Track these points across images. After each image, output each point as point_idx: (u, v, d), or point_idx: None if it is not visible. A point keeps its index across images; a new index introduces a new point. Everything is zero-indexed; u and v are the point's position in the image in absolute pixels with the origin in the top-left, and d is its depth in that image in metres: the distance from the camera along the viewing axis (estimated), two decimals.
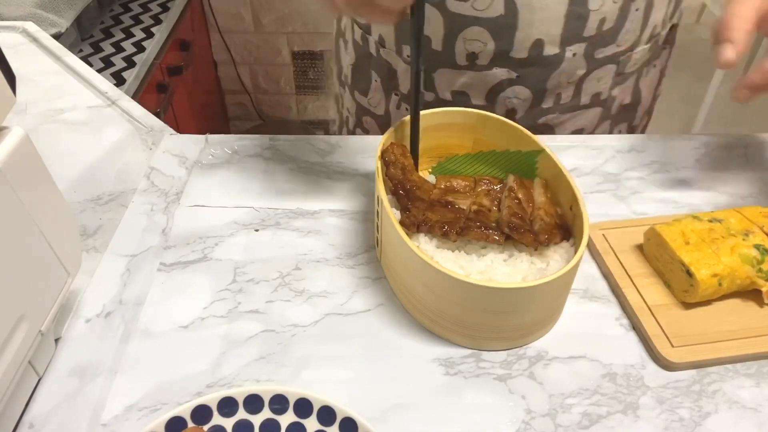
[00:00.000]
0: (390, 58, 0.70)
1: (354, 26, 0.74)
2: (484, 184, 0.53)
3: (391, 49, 0.69)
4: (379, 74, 0.73)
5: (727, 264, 0.46)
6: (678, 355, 0.44)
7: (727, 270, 0.46)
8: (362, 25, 0.72)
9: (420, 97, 0.51)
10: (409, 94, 0.58)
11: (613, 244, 0.52)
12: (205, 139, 0.65)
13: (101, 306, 0.49)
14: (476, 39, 0.62)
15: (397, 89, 0.72)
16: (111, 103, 0.71)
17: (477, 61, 0.64)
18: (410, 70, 0.49)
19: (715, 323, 0.47)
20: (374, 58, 0.72)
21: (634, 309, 0.47)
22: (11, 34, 0.80)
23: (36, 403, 0.43)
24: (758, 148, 0.64)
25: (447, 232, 0.46)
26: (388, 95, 0.73)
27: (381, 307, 0.50)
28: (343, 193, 0.60)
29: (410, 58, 0.49)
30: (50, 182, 0.42)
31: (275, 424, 0.40)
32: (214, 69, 2.07)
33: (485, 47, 0.62)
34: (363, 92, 0.77)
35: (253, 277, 0.52)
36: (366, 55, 0.73)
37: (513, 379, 0.45)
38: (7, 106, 0.37)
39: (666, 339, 0.45)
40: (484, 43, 0.62)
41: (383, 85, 0.73)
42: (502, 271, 0.46)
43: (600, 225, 0.54)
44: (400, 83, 0.71)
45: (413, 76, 0.49)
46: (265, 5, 1.91)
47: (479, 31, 0.61)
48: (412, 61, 0.49)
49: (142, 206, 0.57)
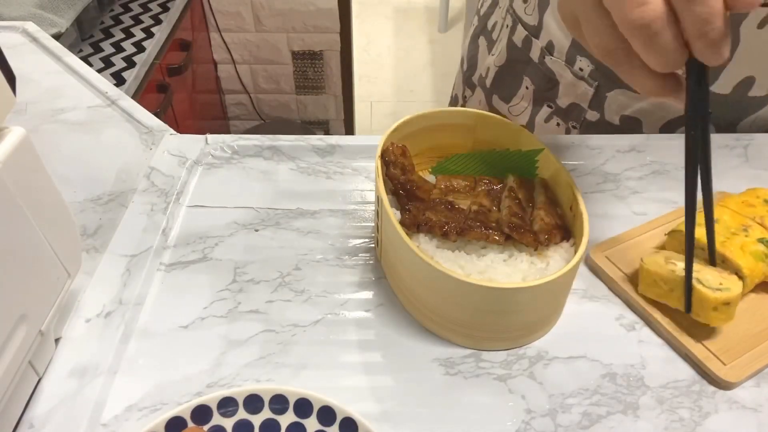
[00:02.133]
0: (556, 67, 0.65)
1: (516, 26, 0.68)
2: (484, 184, 0.53)
3: (560, 59, 0.64)
4: (535, 82, 0.67)
5: (746, 265, 0.46)
6: (735, 375, 0.43)
7: (748, 271, 0.46)
8: (529, 27, 0.67)
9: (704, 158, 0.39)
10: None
11: (621, 266, 0.51)
12: (205, 139, 0.65)
13: (101, 306, 0.49)
14: None
15: (553, 101, 0.66)
16: (111, 103, 0.71)
17: None
18: (686, 119, 0.38)
19: (747, 327, 0.46)
20: (533, 64, 0.67)
21: (674, 333, 0.46)
22: (11, 34, 0.80)
23: (36, 403, 0.43)
24: (758, 148, 0.64)
25: (447, 232, 0.46)
26: (539, 105, 0.68)
27: (381, 307, 0.50)
28: (343, 193, 0.60)
29: (687, 110, 0.37)
30: (50, 182, 0.42)
31: (275, 424, 0.40)
32: (214, 69, 2.07)
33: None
34: (505, 98, 0.71)
35: (253, 277, 0.52)
36: (523, 59, 0.68)
37: (513, 379, 0.45)
38: (7, 106, 0.37)
39: (716, 359, 0.44)
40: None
41: (536, 94, 0.68)
42: (502, 271, 0.46)
43: (600, 247, 0.52)
44: (559, 96, 0.66)
45: (692, 125, 0.38)
46: (265, 5, 1.91)
47: None
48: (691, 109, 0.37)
49: (142, 206, 0.57)
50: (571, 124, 0.67)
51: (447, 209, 0.49)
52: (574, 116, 0.67)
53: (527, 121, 0.71)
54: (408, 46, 2.94)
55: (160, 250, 0.54)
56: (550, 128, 0.69)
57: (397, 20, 3.12)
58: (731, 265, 0.47)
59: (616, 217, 0.56)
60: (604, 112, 0.64)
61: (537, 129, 0.70)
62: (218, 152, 0.64)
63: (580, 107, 0.66)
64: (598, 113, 0.64)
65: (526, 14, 0.67)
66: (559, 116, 0.67)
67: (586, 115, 0.65)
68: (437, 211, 0.49)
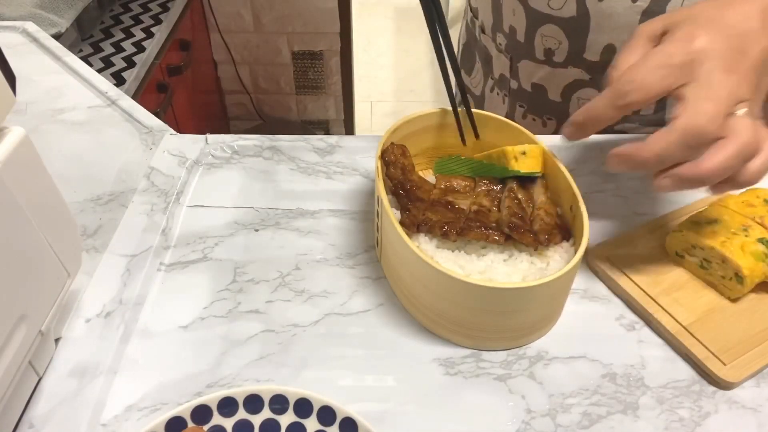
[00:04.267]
0: (487, 43, 0.73)
1: (467, 10, 0.77)
2: (484, 184, 0.53)
3: (489, 36, 0.72)
4: (480, 58, 0.76)
5: (746, 266, 0.46)
6: (735, 375, 0.43)
7: (748, 271, 0.46)
8: (473, 9, 0.75)
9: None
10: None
11: (621, 266, 0.51)
12: (205, 139, 0.65)
13: (101, 306, 0.49)
14: (552, 36, 0.64)
15: (492, 74, 0.75)
16: (111, 103, 0.71)
17: (554, 57, 0.66)
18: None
19: (747, 327, 0.46)
20: (477, 42, 0.76)
21: (674, 333, 0.46)
22: (11, 34, 0.80)
23: (36, 403, 0.43)
24: None
25: (447, 232, 0.46)
26: (486, 78, 0.77)
27: (381, 307, 0.50)
28: (343, 193, 0.60)
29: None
30: (50, 182, 0.42)
31: (275, 424, 0.40)
32: (214, 69, 2.06)
33: (560, 45, 0.64)
34: (468, 72, 0.81)
35: (253, 277, 0.52)
36: (473, 38, 0.77)
37: (513, 379, 0.45)
38: (7, 106, 0.37)
39: (716, 359, 0.44)
40: (559, 41, 0.64)
41: (483, 68, 0.76)
42: (502, 271, 0.46)
43: (600, 247, 0.52)
44: (493, 69, 0.74)
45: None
46: (265, 5, 1.91)
47: (555, 29, 0.63)
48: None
49: (142, 206, 0.57)
50: (503, 92, 0.75)
51: (447, 209, 0.49)
52: (504, 86, 0.75)
53: (480, 92, 0.80)
54: (408, 46, 2.93)
55: (160, 250, 0.54)
56: (493, 97, 0.76)
57: (397, 20, 3.12)
58: (731, 265, 0.47)
59: (616, 217, 0.56)
60: (520, 80, 0.71)
61: (487, 100, 0.79)
62: (218, 152, 0.64)
63: (505, 77, 0.74)
64: (517, 82, 0.71)
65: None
66: (498, 87, 0.75)
67: (510, 84, 0.73)
68: (437, 211, 0.49)
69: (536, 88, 0.70)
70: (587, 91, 0.67)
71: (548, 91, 0.69)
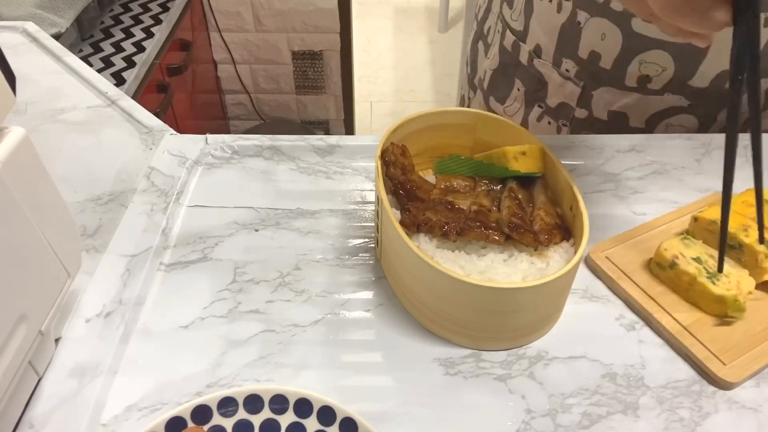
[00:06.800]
0: (543, 69, 0.68)
1: (505, 32, 0.72)
2: (484, 184, 0.53)
3: (547, 61, 0.67)
4: (525, 84, 0.70)
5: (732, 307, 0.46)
6: (735, 375, 0.44)
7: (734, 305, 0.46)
8: (516, 32, 0.70)
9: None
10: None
11: (620, 265, 0.51)
12: (205, 139, 0.65)
13: (101, 306, 0.49)
14: (654, 62, 0.60)
15: (543, 102, 0.70)
16: (111, 103, 0.71)
17: (649, 84, 0.62)
18: (730, 96, 0.40)
19: (747, 327, 0.46)
20: (523, 67, 0.70)
21: (674, 333, 0.46)
22: (11, 34, 0.80)
23: (36, 403, 0.43)
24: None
25: (447, 232, 0.46)
26: (530, 106, 0.71)
27: (381, 307, 0.50)
28: (343, 193, 0.60)
29: (731, 82, 0.39)
30: (50, 182, 0.42)
31: (275, 424, 0.40)
32: (214, 69, 2.06)
33: (663, 72, 0.60)
34: (500, 99, 0.75)
35: (253, 277, 0.52)
36: (513, 63, 0.71)
37: (513, 379, 0.45)
38: (7, 106, 0.37)
39: (716, 359, 0.44)
40: (662, 68, 0.60)
41: (527, 95, 0.71)
42: (502, 271, 0.46)
43: (600, 247, 0.52)
44: (548, 96, 0.69)
45: (733, 100, 0.40)
46: (265, 5, 1.91)
47: (661, 54, 0.59)
48: (733, 84, 0.39)
49: (142, 206, 0.57)
50: (561, 122, 0.70)
51: (447, 209, 0.49)
52: (563, 114, 0.69)
53: (521, 121, 0.73)
54: (408, 46, 2.93)
55: (160, 250, 0.54)
56: (542, 127, 0.71)
57: (397, 20, 3.12)
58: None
59: (616, 217, 0.56)
60: (592, 109, 0.66)
61: (530, 128, 0.72)
62: (218, 152, 0.64)
63: (568, 106, 0.68)
64: (587, 110, 0.67)
65: (513, 20, 0.71)
66: (550, 115, 0.70)
67: (574, 113, 0.68)
68: (437, 211, 0.49)
69: (615, 116, 0.65)
70: (682, 117, 0.63)
71: (630, 118, 0.65)
